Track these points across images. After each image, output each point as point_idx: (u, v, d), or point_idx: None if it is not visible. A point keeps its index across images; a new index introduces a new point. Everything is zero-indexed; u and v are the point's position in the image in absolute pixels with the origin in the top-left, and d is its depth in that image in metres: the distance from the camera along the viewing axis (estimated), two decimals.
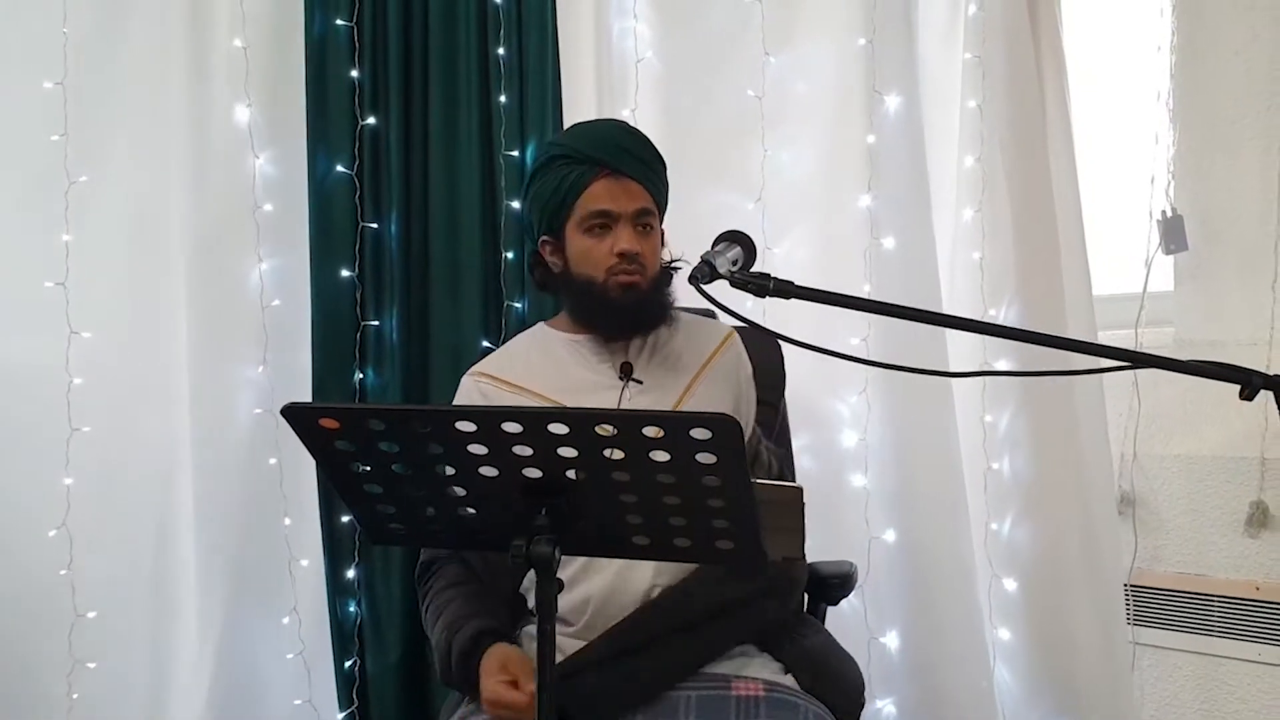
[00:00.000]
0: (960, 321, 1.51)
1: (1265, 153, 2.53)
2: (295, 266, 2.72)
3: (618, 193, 1.81)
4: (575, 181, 1.82)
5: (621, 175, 1.82)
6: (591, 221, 1.81)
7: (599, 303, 1.83)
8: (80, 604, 2.62)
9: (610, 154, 1.82)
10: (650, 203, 1.85)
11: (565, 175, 1.82)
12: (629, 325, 1.86)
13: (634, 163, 1.84)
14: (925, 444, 2.50)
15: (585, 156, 1.82)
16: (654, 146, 1.91)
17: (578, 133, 1.96)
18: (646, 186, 1.84)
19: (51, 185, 2.61)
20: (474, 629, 1.70)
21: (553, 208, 1.84)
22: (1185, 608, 2.60)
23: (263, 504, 2.68)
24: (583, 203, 1.81)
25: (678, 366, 1.88)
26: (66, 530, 2.60)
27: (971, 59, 2.51)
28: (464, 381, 1.93)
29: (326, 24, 2.73)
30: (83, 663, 2.62)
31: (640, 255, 1.81)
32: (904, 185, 2.50)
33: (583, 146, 1.84)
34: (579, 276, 1.84)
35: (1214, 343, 2.58)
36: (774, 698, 1.65)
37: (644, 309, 1.84)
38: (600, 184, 1.81)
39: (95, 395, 2.64)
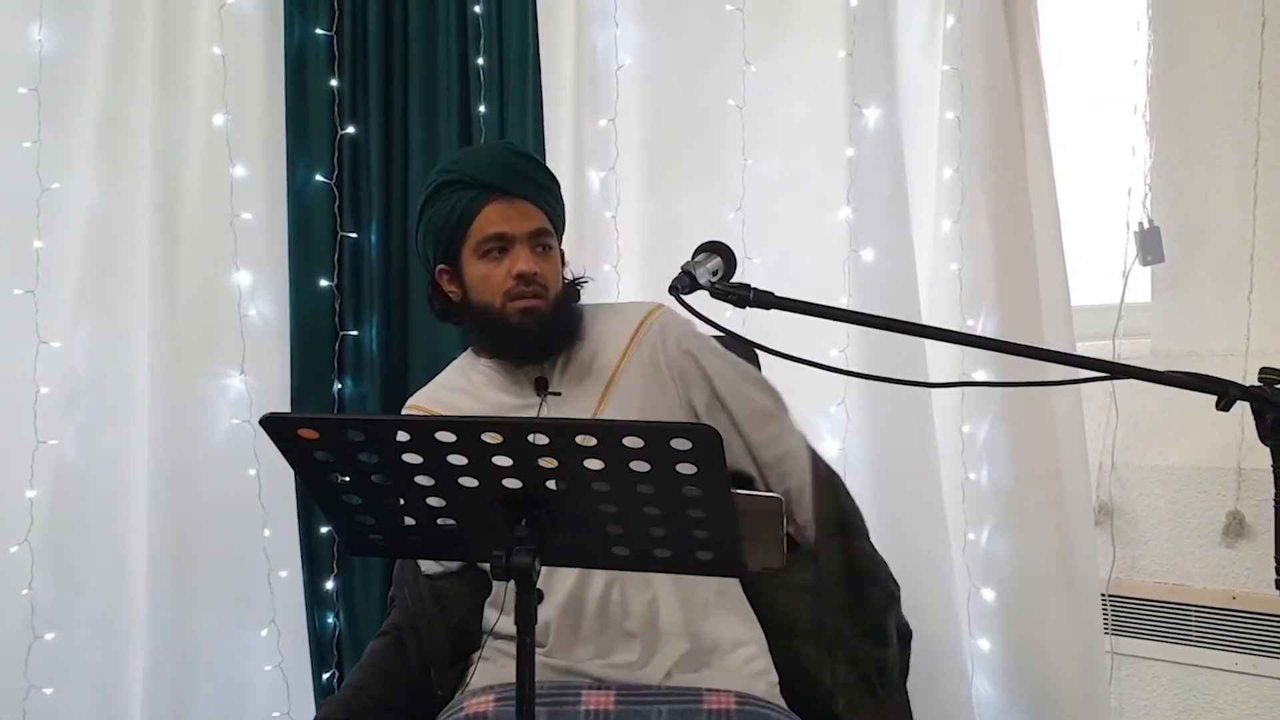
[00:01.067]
0: (939, 332, 1.52)
1: (1242, 165, 2.55)
2: (274, 276, 2.71)
3: (512, 215, 1.79)
4: (468, 206, 1.80)
5: (514, 197, 1.80)
6: (487, 246, 1.80)
7: (499, 329, 1.82)
8: (39, 624, 2.58)
9: (501, 177, 1.81)
10: (546, 223, 1.83)
11: (457, 201, 1.81)
12: (532, 350, 1.84)
13: (526, 184, 1.82)
14: (904, 454, 2.50)
15: (476, 180, 1.80)
16: (546, 167, 1.91)
17: (466, 157, 1.94)
18: (541, 207, 1.83)
19: (23, 192, 2.60)
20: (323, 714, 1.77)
21: (447, 234, 1.82)
22: (1163, 617, 2.61)
23: (241, 515, 2.66)
24: (477, 227, 1.80)
25: (593, 370, 1.86)
26: (29, 546, 2.57)
27: (950, 71, 2.52)
28: (402, 411, 1.95)
29: (306, 33, 2.73)
30: (38, 687, 2.57)
31: (539, 275, 1.79)
32: (883, 197, 2.50)
33: (473, 170, 1.82)
34: (478, 304, 1.83)
35: (1191, 354, 2.60)
36: (746, 710, 1.65)
37: (546, 332, 1.82)
38: (493, 207, 1.80)
39: (63, 406, 2.61)
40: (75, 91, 2.66)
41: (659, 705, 1.65)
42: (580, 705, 1.64)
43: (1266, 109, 2.52)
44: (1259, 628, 2.48)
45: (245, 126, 2.70)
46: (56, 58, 2.64)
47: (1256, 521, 2.49)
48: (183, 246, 2.64)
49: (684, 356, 1.89)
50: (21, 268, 2.60)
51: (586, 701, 1.64)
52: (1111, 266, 2.70)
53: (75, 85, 2.66)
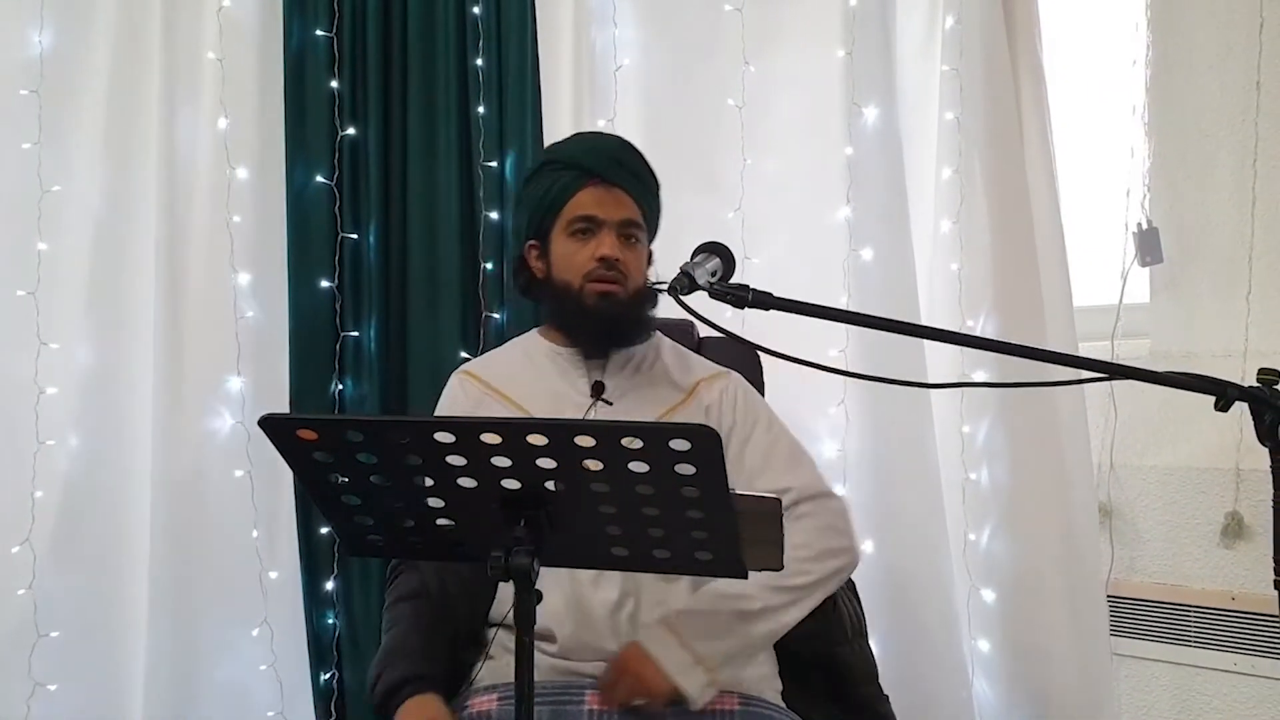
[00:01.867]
0: (938, 333, 1.52)
1: (1240, 166, 2.56)
2: (274, 277, 2.71)
3: (605, 200, 1.82)
4: (565, 187, 1.83)
5: (611, 185, 1.83)
6: (576, 225, 1.82)
7: (574, 308, 1.83)
8: (42, 623, 2.58)
9: (602, 164, 1.83)
10: (638, 215, 1.84)
11: (556, 180, 1.84)
12: (602, 335, 1.85)
13: (626, 175, 1.84)
14: (903, 455, 2.51)
15: (577, 164, 1.83)
16: (650, 167, 1.90)
17: (575, 141, 1.97)
18: (636, 200, 1.84)
19: (24, 194, 2.60)
20: (399, 674, 1.68)
21: (542, 211, 1.86)
22: (1161, 618, 2.61)
23: (234, 516, 2.66)
24: (570, 208, 1.82)
25: (654, 395, 1.86)
26: (30, 546, 2.57)
27: (949, 71, 2.52)
28: (452, 379, 1.96)
29: (305, 34, 2.72)
30: (43, 685, 2.57)
31: (621, 263, 1.80)
32: (882, 197, 2.51)
33: (577, 154, 1.86)
34: (559, 281, 1.85)
35: (1189, 354, 2.60)
36: (750, 711, 1.65)
37: (619, 321, 1.83)
38: (589, 191, 1.82)
39: (65, 407, 2.62)
40: (76, 93, 2.66)
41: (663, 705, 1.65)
42: (583, 704, 1.64)
43: (1265, 110, 2.52)
44: (1257, 628, 2.48)
45: (245, 128, 2.70)
46: (57, 59, 2.64)
47: (1255, 522, 2.49)
48: (183, 247, 2.64)
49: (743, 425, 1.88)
50: (23, 270, 2.60)
51: (590, 701, 1.64)
52: (1110, 267, 2.70)
53: (76, 87, 2.66)
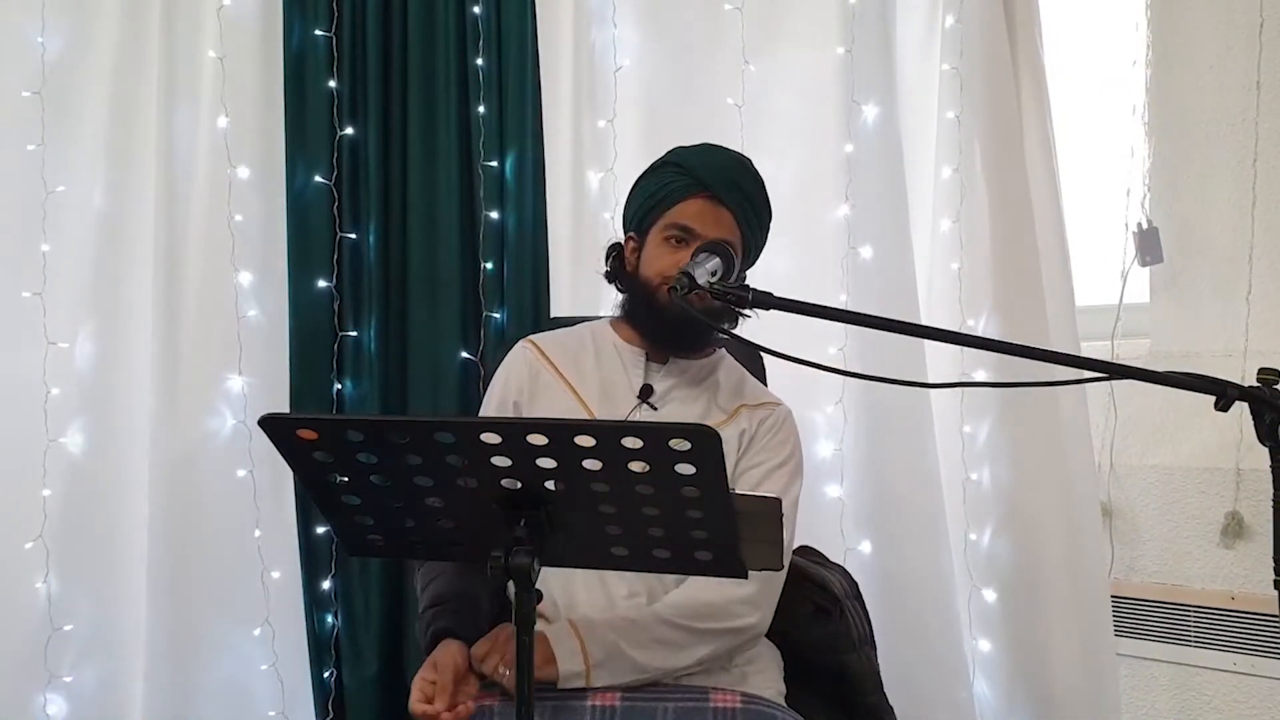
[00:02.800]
0: (938, 332, 1.52)
1: (1240, 165, 2.56)
2: (273, 277, 2.71)
3: (708, 215, 1.81)
4: (676, 191, 1.83)
5: (720, 203, 1.82)
6: (672, 232, 1.82)
7: (647, 304, 1.85)
8: (56, 617, 2.60)
9: (718, 179, 1.83)
10: (735, 238, 1.83)
11: (669, 182, 1.85)
12: (664, 335, 1.87)
13: (737, 196, 1.83)
14: (903, 454, 2.50)
15: (694, 173, 1.83)
16: (766, 195, 1.89)
17: (702, 150, 1.93)
18: (739, 222, 1.84)
19: (29, 195, 2.60)
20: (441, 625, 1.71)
21: (647, 207, 1.87)
22: (1161, 618, 2.61)
23: (236, 516, 2.66)
24: (673, 213, 1.83)
25: (696, 410, 1.88)
26: (43, 542, 2.59)
27: (949, 70, 2.52)
28: (516, 347, 1.97)
29: (305, 34, 2.72)
30: (58, 676, 2.60)
31: None
32: (882, 195, 2.51)
33: (696, 164, 1.85)
34: (642, 277, 1.87)
35: (1189, 354, 2.60)
36: (751, 709, 1.65)
37: (684, 326, 1.82)
38: (695, 202, 1.82)
39: (72, 406, 2.63)
40: (78, 94, 2.66)
41: (664, 702, 1.65)
42: (586, 701, 1.64)
43: (1265, 110, 2.52)
44: (1257, 628, 2.48)
45: (245, 128, 2.70)
46: (60, 61, 2.64)
47: (1255, 522, 2.49)
48: (183, 247, 2.64)
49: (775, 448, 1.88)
50: (29, 270, 2.61)
51: (592, 698, 1.64)
52: (1110, 267, 2.70)
53: (78, 88, 2.66)
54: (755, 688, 1.73)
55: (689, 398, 1.89)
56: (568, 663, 1.64)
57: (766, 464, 1.87)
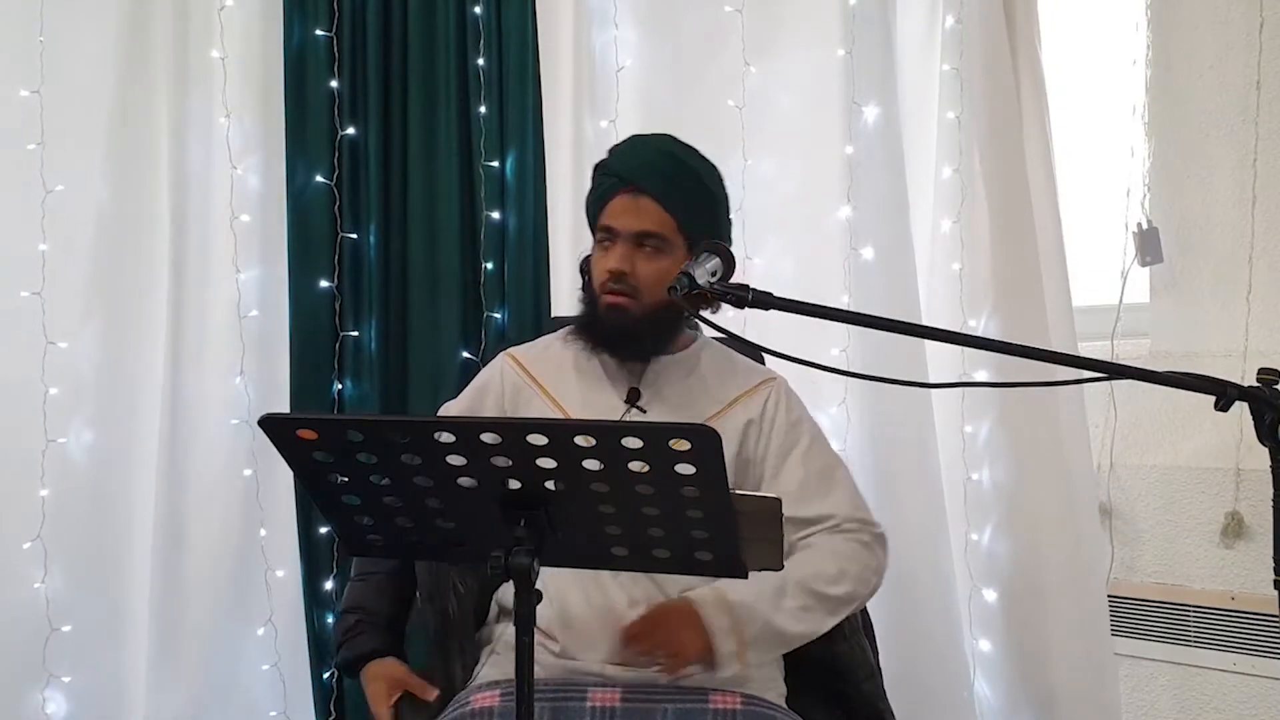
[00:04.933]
0: (938, 332, 1.52)
1: (1239, 165, 2.56)
2: (274, 277, 2.71)
3: (629, 210, 1.77)
4: (602, 194, 1.82)
5: (640, 193, 1.77)
6: (600, 235, 1.81)
7: (591, 315, 1.83)
8: (55, 617, 2.60)
9: (636, 171, 1.79)
10: (661, 225, 1.77)
11: (598, 186, 1.84)
12: (613, 346, 1.82)
13: (658, 181, 1.78)
14: (905, 454, 2.51)
15: (614, 171, 1.81)
16: (695, 171, 1.82)
17: (624, 146, 1.90)
18: (667, 207, 1.77)
19: (28, 194, 2.60)
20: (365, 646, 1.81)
21: (588, 215, 1.87)
22: (1161, 618, 2.61)
23: (239, 515, 2.66)
24: (603, 216, 1.81)
25: (689, 405, 1.84)
26: (41, 542, 2.59)
27: (949, 70, 2.53)
28: (497, 359, 1.96)
29: (305, 34, 2.73)
30: (57, 676, 2.60)
31: (631, 275, 1.76)
32: (883, 196, 2.51)
33: (614, 161, 1.83)
34: (592, 288, 1.84)
35: (1189, 354, 2.60)
36: (751, 711, 1.65)
37: (626, 334, 1.79)
38: (619, 200, 1.79)
39: (71, 406, 2.63)
40: (79, 93, 2.66)
41: (665, 704, 1.65)
42: (586, 702, 1.64)
43: (1264, 109, 2.52)
44: (1257, 628, 2.48)
45: (245, 128, 2.71)
46: (59, 60, 2.64)
47: (1255, 522, 2.49)
48: (184, 247, 2.65)
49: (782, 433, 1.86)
50: (28, 270, 2.61)
51: (592, 699, 1.64)
52: (1110, 267, 2.70)
53: (79, 87, 2.66)
54: (756, 688, 1.72)
55: (678, 394, 1.85)
56: (725, 643, 1.62)
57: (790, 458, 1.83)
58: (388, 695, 1.75)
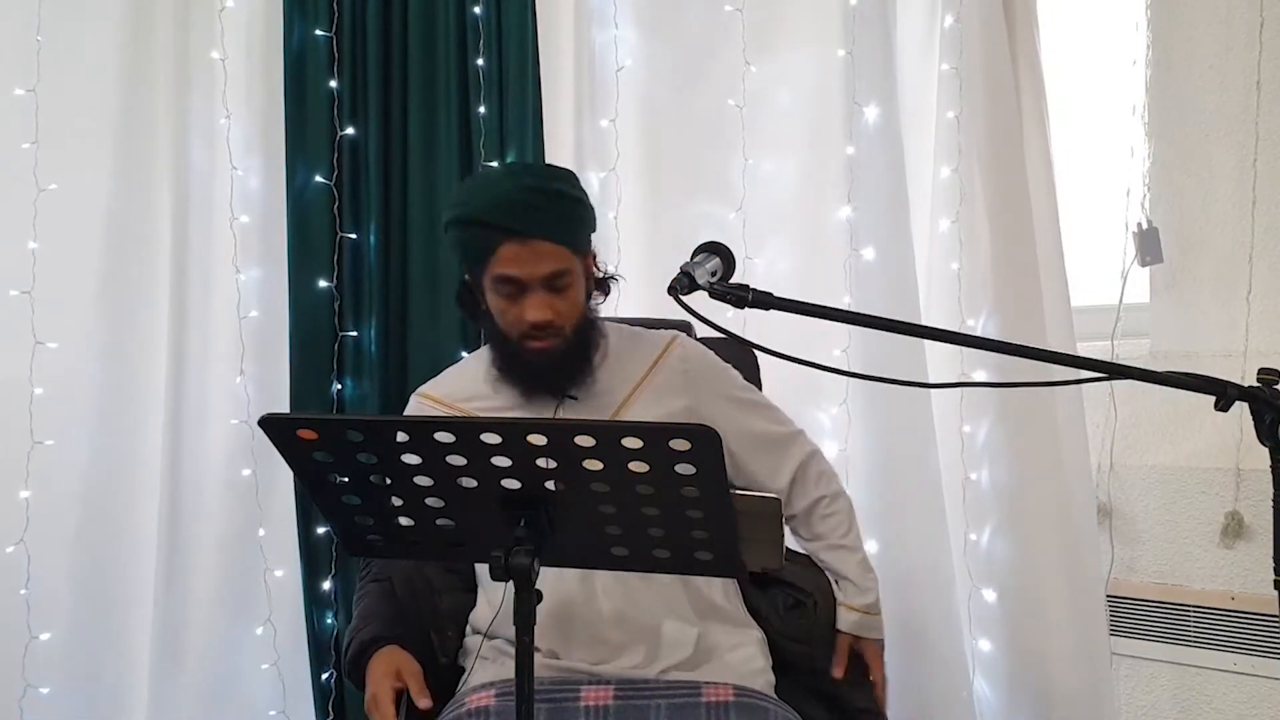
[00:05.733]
0: (938, 333, 1.52)
1: (1240, 165, 2.56)
2: (273, 277, 2.71)
3: (526, 258, 1.72)
4: (483, 246, 1.74)
5: (528, 238, 1.71)
6: (503, 289, 1.75)
7: (518, 360, 1.80)
8: (35, 624, 2.59)
9: (512, 218, 1.72)
10: (565, 260, 1.75)
11: (472, 238, 1.76)
12: (546, 386, 1.82)
13: (540, 221, 1.73)
14: (905, 454, 2.51)
15: (488, 223, 1.72)
16: (564, 191, 1.78)
17: (476, 194, 1.79)
18: (559, 241, 1.74)
19: (20, 192, 2.59)
20: (370, 634, 1.77)
21: (468, 264, 1.81)
22: (1161, 618, 2.61)
23: (239, 515, 2.66)
24: (492, 265, 1.74)
25: (615, 379, 1.86)
26: (25, 546, 2.58)
27: (949, 70, 2.53)
28: (411, 400, 1.94)
29: (305, 34, 2.72)
30: (35, 687, 2.58)
31: (553, 321, 1.75)
32: (883, 196, 2.51)
33: (483, 212, 1.73)
34: (498, 328, 1.81)
35: (1189, 354, 2.60)
36: (743, 702, 1.65)
37: (560, 368, 1.80)
38: (507, 248, 1.72)
39: (60, 407, 2.62)
40: (77, 93, 2.66)
41: (657, 700, 1.65)
42: (579, 701, 1.64)
43: (1265, 109, 2.52)
44: (1257, 628, 2.48)
45: (245, 128, 2.71)
46: (57, 60, 2.64)
47: (1255, 522, 2.49)
48: (184, 247, 2.65)
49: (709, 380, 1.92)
50: (17, 269, 2.60)
51: (585, 698, 1.65)
52: (1110, 267, 2.70)
53: (77, 86, 2.66)
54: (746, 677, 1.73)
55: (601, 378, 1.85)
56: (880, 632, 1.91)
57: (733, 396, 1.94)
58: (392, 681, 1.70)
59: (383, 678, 1.70)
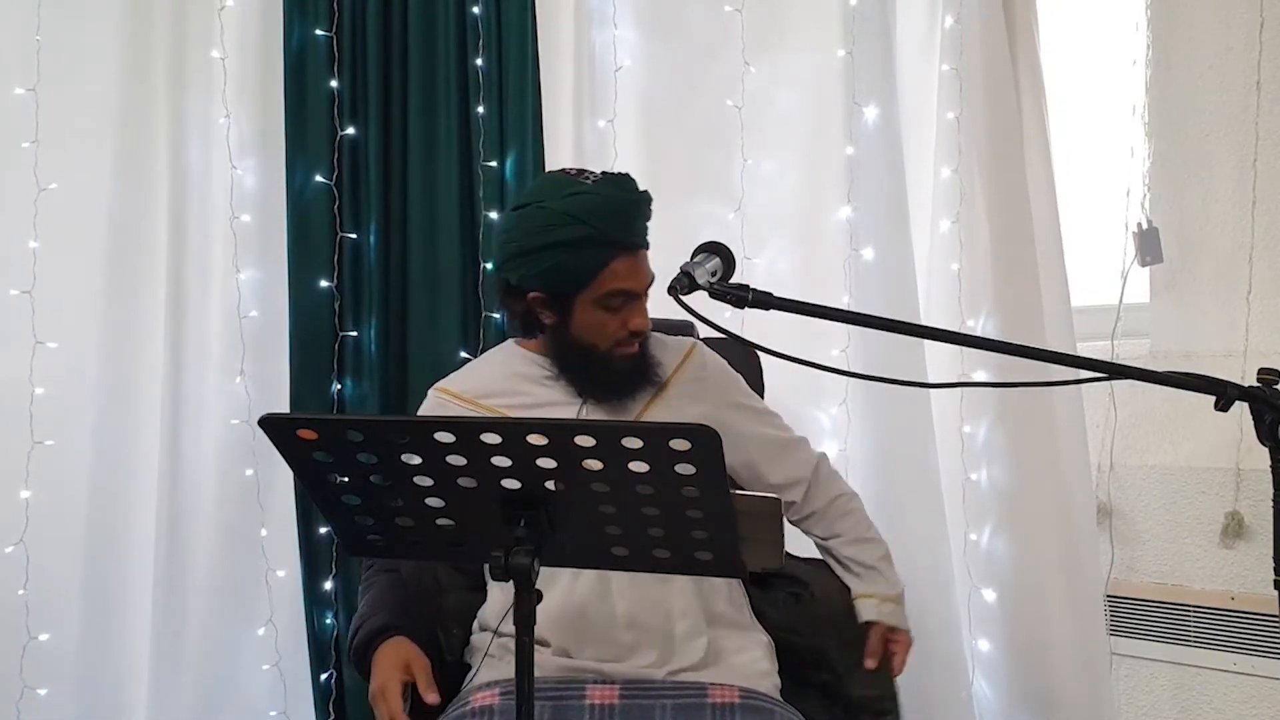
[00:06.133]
0: (938, 333, 1.52)
1: (1239, 165, 2.56)
2: (273, 277, 2.71)
3: (637, 270, 1.74)
4: (597, 262, 1.71)
5: (638, 249, 1.76)
6: (611, 301, 1.74)
7: (601, 368, 1.79)
8: (34, 625, 2.59)
9: (629, 232, 1.74)
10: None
11: (588, 258, 1.71)
12: (623, 388, 1.82)
13: (644, 231, 1.77)
14: (904, 454, 2.51)
15: (609, 239, 1.71)
16: (651, 199, 1.80)
17: (599, 208, 1.72)
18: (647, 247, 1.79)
19: (20, 192, 2.59)
20: (378, 624, 1.75)
21: (567, 282, 1.74)
22: (1161, 618, 2.61)
23: (239, 515, 2.66)
24: (602, 280, 1.72)
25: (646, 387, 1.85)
26: (24, 546, 2.58)
27: (949, 71, 2.53)
28: (429, 396, 1.92)
29: (305, 34, 2.72)
30: (33, 688, 2.58)
31: (646, 327, 1.80)
32: (883, 196, 2.51)
33: (608, 227, 1.70)
34: (580, 341, 1.78)
35: (1189, 354, 2.60)
36: (749, 704, 1.66)
37: (639, 373, 1.82)
38: (621, 263, 1.72)
39: (60, 407, 2.62)
40: (77, 92, 2.66)
41: (663, 700, 1.65)
42: (585, 700, 1.64)
43: (1265, 109, 2.52)
44: (1257, 628, 2.48)
45: (245, 128, 2.71)
46: (57, 59, 2.64)
47: (1255, 522, 2.49)
48: (183, 247, 2.65)
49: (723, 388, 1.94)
50: (17, 268, 2.60)
51: (590, 696, 1.65)
52: (1110, 267, 2.70)
53: (77, 86, 2.66)
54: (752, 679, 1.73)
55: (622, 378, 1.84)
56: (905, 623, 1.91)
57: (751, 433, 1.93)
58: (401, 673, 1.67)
59: (391, 669, 1.67)
